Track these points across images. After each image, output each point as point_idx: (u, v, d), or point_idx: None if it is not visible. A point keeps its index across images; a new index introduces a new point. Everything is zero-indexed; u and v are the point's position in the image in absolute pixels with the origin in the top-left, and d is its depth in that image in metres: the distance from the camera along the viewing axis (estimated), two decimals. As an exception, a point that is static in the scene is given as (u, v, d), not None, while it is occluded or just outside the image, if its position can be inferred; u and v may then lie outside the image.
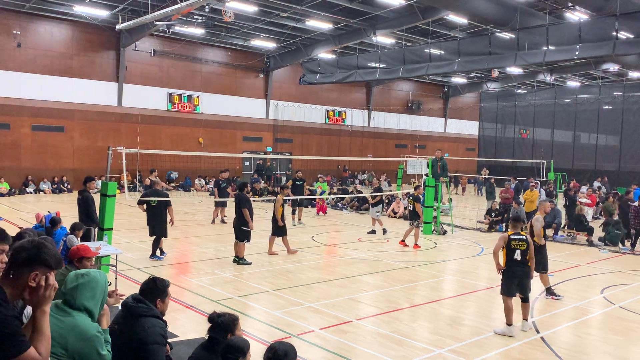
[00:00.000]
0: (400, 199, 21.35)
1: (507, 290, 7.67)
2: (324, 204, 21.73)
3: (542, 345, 7.19)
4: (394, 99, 42.03)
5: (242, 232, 11.54)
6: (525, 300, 7.78)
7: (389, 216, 20.50)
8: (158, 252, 12.00)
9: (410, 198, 14.71)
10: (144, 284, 4.20)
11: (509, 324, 7.56)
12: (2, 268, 2.67)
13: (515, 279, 7.68)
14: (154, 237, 11.92)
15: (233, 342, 3.77)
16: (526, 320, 7.79)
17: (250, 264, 11.58)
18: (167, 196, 12.24)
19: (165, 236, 12.05)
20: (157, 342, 3.82)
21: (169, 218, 11.98)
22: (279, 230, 12.62)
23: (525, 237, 7.80)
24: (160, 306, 4.09)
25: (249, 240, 11.75)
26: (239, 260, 11.59)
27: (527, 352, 6.97)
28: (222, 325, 4.00)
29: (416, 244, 14.22)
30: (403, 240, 14.51)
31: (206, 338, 4.07)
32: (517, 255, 7.67)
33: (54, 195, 25.64)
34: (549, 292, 9.59)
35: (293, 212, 18.40)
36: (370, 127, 40.52)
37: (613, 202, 17.42)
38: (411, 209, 14.50)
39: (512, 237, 7.77)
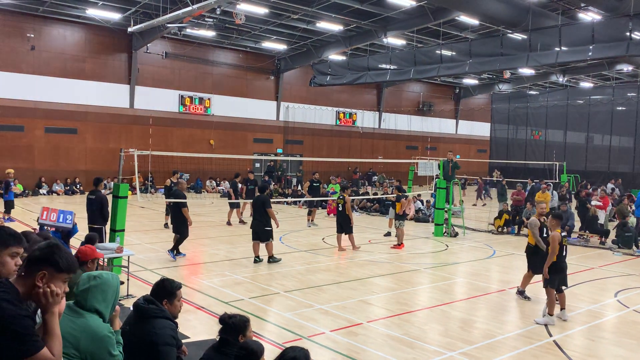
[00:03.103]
0: (412, 200, 21.26)
1: (555, 284, 8.29)
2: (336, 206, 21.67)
3: (554, 349, 7.13)
4: (404, 101, 41.93)
5: (266, 232, 11.77)
6: (562, 291, 8.44)
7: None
8: (177, 251, 12.22)
9: (404, 199, 14.80)
10: (155, 284, 4.22)
11: (552, 314, 8.17)
12: (16, 270, 2.71)
13: (562, 272, 8.41)
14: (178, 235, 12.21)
15: (248, 345, 3.75)
16: (564, 309, 8.38)
17: (279, 260, 11.88)
18: (185, 197, 12.49)
19: (185, 236, 12.21)
20: (167, 344, 3.82)
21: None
22: (350, 228, 13.65)
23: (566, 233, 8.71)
24: (168, 307, 4.06)
25: (273, 238, 12.02)
26: (270, 258, 11.84)
27: (540, 355, 6.90)
28: (234, 327, 4.00)
29: (402, 243, 14.24)
30: (402, 243, 14.39)
31: (217, 339, 4.07)
32: (564, 251, 8.44)
33: (67, 196, 25.86)
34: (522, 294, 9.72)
35: (309, 213, 18.57)
36: (381, 128, 40.46)
37: (627, 204, 17.24)
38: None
39: (562, 235, 8.47)
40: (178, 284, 4.21)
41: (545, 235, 9.43)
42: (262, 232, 11.75)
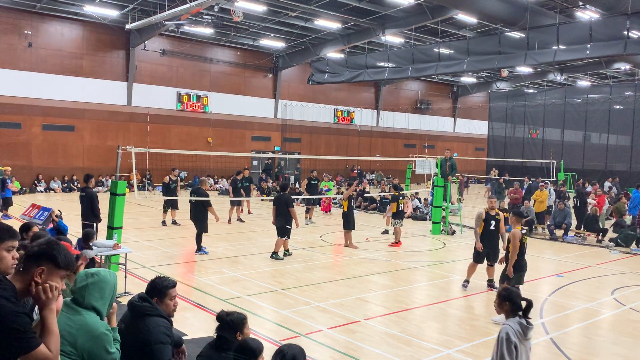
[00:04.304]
0: (409, 199, 21.28)
1: (520, 281, 8.29)
2: (330, 203, 21.76)
3: (551, 347, 7.15)
4: (402, 99, 41.92)
5: (285, 230, 12.15)
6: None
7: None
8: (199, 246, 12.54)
9: (402, 198, 14.89)
10: (149, 282, 4.19)
11: None
12: (14, 264, 2.71)
13: (522, 271, 8.33)
14: (205, 232, 12.53)
15: (246, 344, 3.75)
16: None
17: (282, 259, 12.11)
18: (208, 196, 12.78)
19: (204, 232, 12.50)
20: (161, 342, 3.80)
21: (210, 215, 12.59)
22: (345, 224, 13.86)
23: (526, 231, 8.51)
24: (159, 305, 4.02)
25: (289, 237, 12.37)
26: (274, 255, 12.18)
27: (537, 353, 6.92)
28: (231, 324, 3.99)
29: (400, 241, 14.39)
30: (399, 241, 14.46)
31: (215, 337, 4.06)
32: (525, 248, 8.30)
33: (64, 194, 25.82)
34: (491, 283, 10.11)
35: (306, 211, 18.65)
36: (378, 126, 40.46)
37: (625, 203, 17.28)
38: (400, 209, 14.59)
39: (523, 232, 8.34)
40: (171, 282, 4.09)
41: (492, 228, 9.81)
42: (281, 228, 12.17)
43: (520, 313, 4.34)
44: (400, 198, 14.72)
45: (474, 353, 6.75)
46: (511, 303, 4.37)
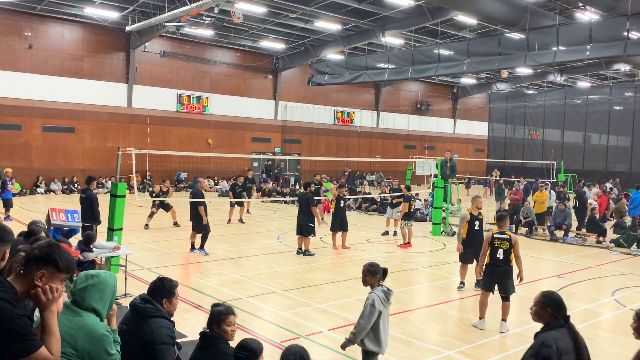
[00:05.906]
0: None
1: (485, 286, 7.96)
2: (328, 204, 21.76)
3: (552, 348, 7.13)
4: (402, 100, 41.94)
5: (309, 228, 12.65)
6: (505, 299, 7.80)
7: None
8: (203, 246, 12.61)
9: (413, 200, 14.98)
10: (152, 283, 4.18)
11: (481, 317, 7.87)
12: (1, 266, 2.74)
13: (494, 277, 7.83)
14: (199, 233, 12.64)
15: (247, 344, 3.76)
16: (504, 321, 7.76)
17: (314, 254, 12.71)
18: (203, 196, 12.88)
19: (204, 231, 12.55)
20: (164, 343, 3.80)
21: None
22: (334, 226, 13.84)
23: (509, 237, 7.84)
24: (167, 306, 4.02)
25: (314, 234, 12.91)
26: (306, 252, 12.70)
27: (537, 354, 6.91)
28: (211, 317, 4.05)
29: (409, 242, 14.44)
30: (409, 242, 14.49)
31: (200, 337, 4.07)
32: (500, 254, 7.76)
33: (65, 195, 25.82)
34: (479, 283, 9.76)
35: None
36: (379, 127, 40.46)
37: (625, 204, 17.28)
38: (412, 210, 14.65)
39: (495, 235, 7.86)
40: (175, 282, 4.17)
41: (477, 228, 9.78)
42: (305, 226, 12.55)
43: (382, 282, 5.18)
44: (412, 199, 14.76)
45: (474, 354, 6.75)
46: (375, 276, 5.28)
